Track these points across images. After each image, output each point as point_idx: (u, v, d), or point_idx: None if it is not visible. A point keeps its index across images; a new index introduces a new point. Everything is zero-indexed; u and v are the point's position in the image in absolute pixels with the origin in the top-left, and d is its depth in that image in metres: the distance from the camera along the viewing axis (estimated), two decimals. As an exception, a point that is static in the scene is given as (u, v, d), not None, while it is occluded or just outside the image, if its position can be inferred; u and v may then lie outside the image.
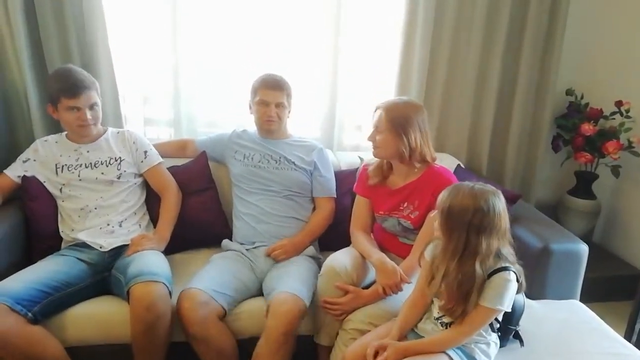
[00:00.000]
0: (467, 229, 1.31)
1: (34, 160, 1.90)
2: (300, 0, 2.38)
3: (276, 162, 2.05)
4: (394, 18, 2.43)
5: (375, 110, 1.77)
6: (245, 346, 1.69)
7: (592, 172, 2.70)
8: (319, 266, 1.81)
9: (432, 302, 1.47)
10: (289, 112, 2.07)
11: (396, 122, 1.71)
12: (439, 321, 1.42)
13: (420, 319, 1.48)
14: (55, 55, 2.15)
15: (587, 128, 2.56)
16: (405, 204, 1.78)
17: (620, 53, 2.69)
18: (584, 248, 1.89)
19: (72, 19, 2.13)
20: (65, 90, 1.79)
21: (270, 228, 1.97)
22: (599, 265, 2.55)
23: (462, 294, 1.33)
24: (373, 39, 2.48)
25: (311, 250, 1.96)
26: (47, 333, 1.56)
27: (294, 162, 2.04)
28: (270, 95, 1.97)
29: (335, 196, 2.09)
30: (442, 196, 1.37)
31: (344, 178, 2.13)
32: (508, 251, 1.37)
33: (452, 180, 1.74)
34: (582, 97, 2.72)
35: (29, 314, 1.52)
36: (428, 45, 2.42)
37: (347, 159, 2.34)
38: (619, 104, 2.56)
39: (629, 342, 1.68)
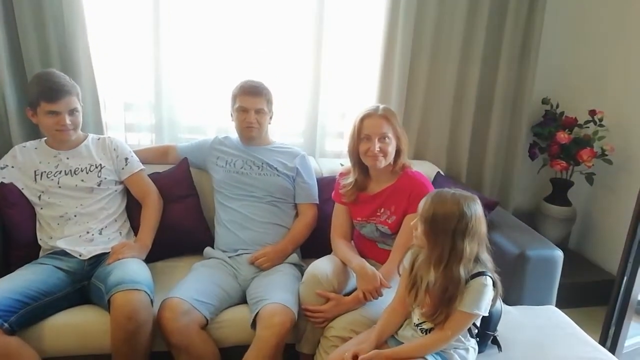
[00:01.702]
0: (452, 234, 1.33)
1: (12, 167, 1.87)
2: (282, 7, 2.39)
3: (258, 168, 2.05)
4: (375, 28, 2.46)
5: (368, 118, 1.74)
6: (228, 355, 1.69)
7: (567, 180, 2.77)
8: (302, 274, 1.82)
9: (412, 309, 1.49)
10: (270, 118, 2.08)
11: (397, 123, 1.76)
12: (419, 327, 1.44)
13: (400, 326, 1.50)
14: (35, 60, 2.12)
15: (563, 136, 2.63)
16: (382, 210, 1.80)
17: (595, 63, 2.77)
18: (559, 254, 1.93)
19: (52, 24, 2.10)
20: (45, 94, 1.77)
21: (252, 235, 1.97)
22: (574, 271, 2.61)
23: (445, 300, 1.35)
24: (355, 47, 2.50)
25: (294, 257, 1.97)
26: (24, 344, 1.53)
27: (276, 168, 2.05)
28: (249, 101, 1.98)
29: (317, 202, 2.10)
30: (425, 204, 1.38)
31: (326, 185, 2.14)
32: (486, 257, 1.40)
33: (426, 184, 1.77)
34: (557, 106, 2.80)
35: (5, 325, 1.48)
36: (408, 55, 2.46)
37: (329, 166, 2.36)
38: (592, 113, 2.63)
39: (603, 346, 1.73)
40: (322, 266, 1.74)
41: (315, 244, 2.02)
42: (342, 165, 2.29)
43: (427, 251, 1.38)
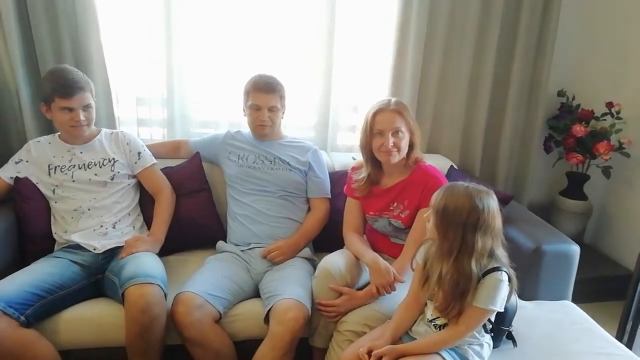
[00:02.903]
0: (462, 228, 1.31)
1: (27, 162, 1.89)
2: (294, 0, 2.38)
3: (271, 163, 2.04)
4: (388, 20, 2.43)
5: (381, 113, 1.72)
6: (241, 348, 1.69)
7: (583, 173, 2.73)
8: (314, 268, 1.81)
9: (425, 304, 1.48)
10: (283, 113, 2.07)
11: (409, 117, 1.74)
12: (433, 323, 1.43)
13: (414, 322, 1.49)
14: (48, 55, 2.14)
15: (579, 129, 2.59)
16: (395, 204, 1.79)
17: (611, 55, 2.72)
18: (575, 249, 1.91)
19: (64, 19, 2.12)
20: (59, 90, 1.78)
21: (265, 229, 1.97)
22: (590, 266, 2.58)
23: (457, 294, 1.33)
24: (367, 40, 2.48)
25: (307, 252, 1.97)
26: (40, 336, 1.55)
27: (288, 163, 2.04)
28: (263, 99, 1.96)
29: (329, 197, 2.09)
30: (437, 196, 1.38)
31: (338, 179, 2.13)
32: (502, 253, 1.38)
33: (440, 178, 1.76)
34: (573, 99, 2.75)
35: (22, 317, 1.50)
36: (421, 47, 2.43)
37: (341, 160, 2.35)
38: (609, 105, 2.59)
39: (620, 342, 1.70)
40: (335, 260, 1.73)
41: (327, 238, 2.02)
42: (354, 159, 2.28)
43: (438, 243, 1.38)
